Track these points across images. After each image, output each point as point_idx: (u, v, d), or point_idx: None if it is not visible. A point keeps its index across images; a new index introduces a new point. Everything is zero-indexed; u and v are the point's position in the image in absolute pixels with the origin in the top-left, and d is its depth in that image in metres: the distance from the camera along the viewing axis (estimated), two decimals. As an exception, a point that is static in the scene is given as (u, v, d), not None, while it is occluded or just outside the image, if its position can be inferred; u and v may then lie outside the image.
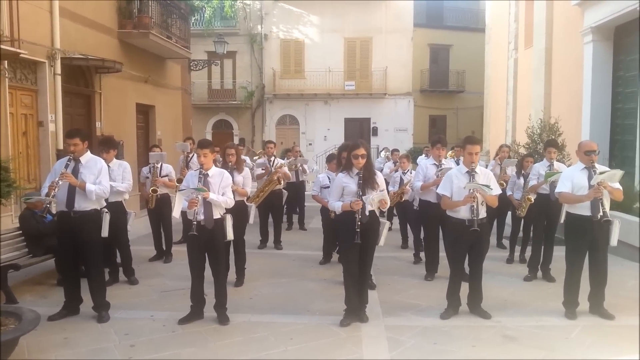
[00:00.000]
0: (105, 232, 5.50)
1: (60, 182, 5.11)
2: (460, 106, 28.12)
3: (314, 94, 24.55)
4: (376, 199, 5.07)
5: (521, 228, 7.95)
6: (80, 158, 5.36)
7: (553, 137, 10.06)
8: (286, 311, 5.71)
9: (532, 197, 7.11)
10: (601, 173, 5.18)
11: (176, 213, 5.12)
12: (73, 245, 5.35)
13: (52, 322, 5.23)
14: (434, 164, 6.98)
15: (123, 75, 11.30)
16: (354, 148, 5.17)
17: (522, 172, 7.62)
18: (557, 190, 5.57)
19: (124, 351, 4.61)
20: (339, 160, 5.91)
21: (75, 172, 5.27)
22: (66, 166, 5.24)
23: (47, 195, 5.07)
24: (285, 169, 9.26)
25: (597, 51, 11.23)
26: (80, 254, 5.41)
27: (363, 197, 5.04)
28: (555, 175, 6.52)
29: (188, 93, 16.83)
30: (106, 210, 5.55)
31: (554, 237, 7.12)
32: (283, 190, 9.15)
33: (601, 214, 5.25)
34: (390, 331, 5.07)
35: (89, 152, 5.51)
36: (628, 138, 10.48)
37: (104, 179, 5.38)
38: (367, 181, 5.13)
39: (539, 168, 7.07)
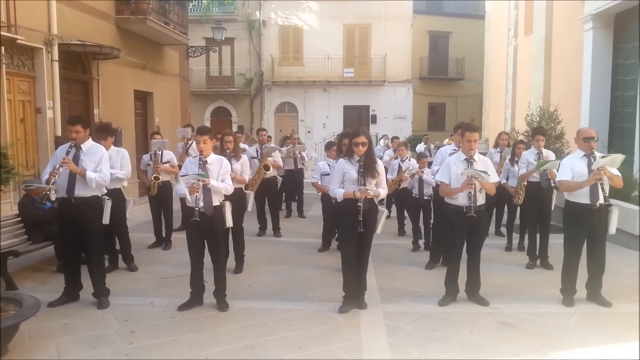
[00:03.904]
0: (106, 219, 5.50)
1: (61, 169, 5.12)
2: (460, 94, 28.03)
3: (312, 81, 24.44)
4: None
5: (517, 215, 7.99)
6: (82, 145, 5.36)
7: (552, 124, 10.05)
8: (285, 298, 5.74)
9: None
10: (602, 157, 5.19)
11: (188, 197, 5.09)
12: (74, 231, 5.36)
13: (52, 308, 5.25)
14: (455, 149, 6.79)
15: (121, 61, 11.24)
16: (354, 136, 5.17)
17: (516, 159, 7.66)
18: (557, 178, 5.59)
19: (124, 337, 4.64)
20: (339, 147, 5.90)
21: (76, 159, 5.27)
22: (67, 153, 5.23)
23: (48, 182, 5.08)
24: (277, 157, 9.19)
25: (597, 38, 11.19)
26: (81, 241, 5.41)
27: (363, 187, 5.03)
28: (548, 163, 6.55)
29: (186, 80, 16.76)
30: (107, 197, 5.54)
31: (549, 225, 7.14)
32: (277, 177, 9.14)
33: (602, 201, 5.27)
34: (389, 318, 5.11)
35: (90, 139, 5.50)
36: (627, 126, 10.48)
37: (104, 166, 5.38)
38: (367, 169, 5.13)
39: (528, 156, 7.11)
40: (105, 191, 5.60)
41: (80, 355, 4.30)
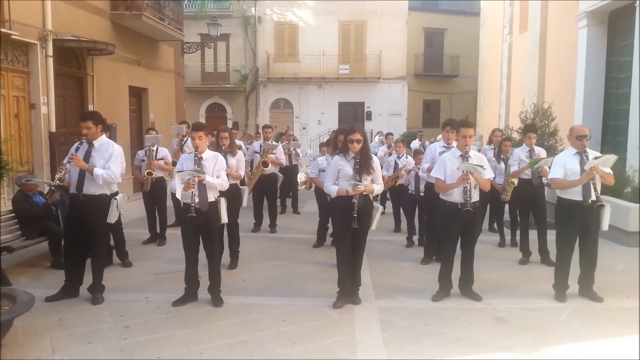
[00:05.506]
0: (110, 219, 5.44)
1: (68, 165, 5.11)
2: (454, 91, 28.09)
3: (308, 77, 24.44)
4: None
5: (506, 211, 8.04)
6: (94, 142, 5.34)
7: (546, 121, 10.08)
8: (280, 293, 5.76)
9: (515, 181, 7.16)
10: (595, 158, 5.23)
11: (178, 194, 5.12)
12: (79, 227, 5.35)
13: (46, 303, 5.24)
14: (444, 146, 6.83)
15: (116, 57, 11.21)
16: (349, 132, 5.18)
17: (502, 156, 7.72)
18: (549, 176, 5.61)
19: (118, 332, 4.65)
20: (336, 144, 5.92)
21: (87, 156, 5.26)
22: (76, 149, 5.22)
23: (55, 177, 5.10)
24: (280, 154, 9.21)
25: (592, 36, 11.23)
26: (86, 236, 5.39)
27: (359, 184, 5.04)
28: (541, 161, 6.59)
29: (181, 76, 16.72)
30: (120, 197, 5.49)
31: (546, 221, 7.18)
32: (278, 174, 9.16)
33: (594, 198, 5.30)
34: (383, 313, 5.13)
35: (103, 135, 5.45)
36: (620, 123, 10.52)
37: (113, 164, 5.32)
38: (363, 165, 5.14)
39: (520, 153, 7.14)
40: (117, 190, 5.55)
41: (74, 350, 4.30)
